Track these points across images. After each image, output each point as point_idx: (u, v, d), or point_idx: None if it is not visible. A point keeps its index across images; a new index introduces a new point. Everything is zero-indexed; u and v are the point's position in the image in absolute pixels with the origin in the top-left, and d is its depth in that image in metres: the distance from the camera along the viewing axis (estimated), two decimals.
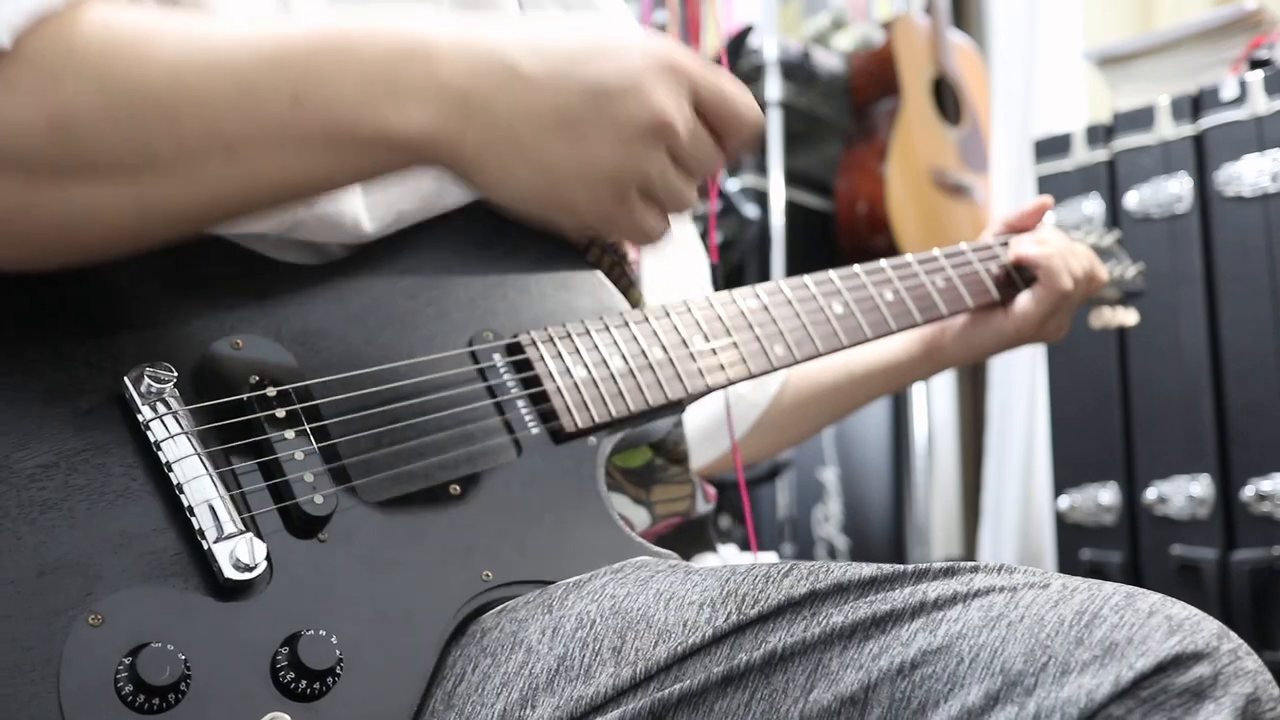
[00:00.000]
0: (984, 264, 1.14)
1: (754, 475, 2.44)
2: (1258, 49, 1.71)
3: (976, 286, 1.12)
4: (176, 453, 0.66)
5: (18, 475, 0.63)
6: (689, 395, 0.86)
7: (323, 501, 0.68)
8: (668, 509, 0.93)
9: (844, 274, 1.03)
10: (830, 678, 0.61)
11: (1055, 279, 1.13)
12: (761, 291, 0.96)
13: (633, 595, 0.69)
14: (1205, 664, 0.57)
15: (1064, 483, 1.77)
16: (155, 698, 0.59)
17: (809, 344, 0.96)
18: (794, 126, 2.74)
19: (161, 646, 0.60)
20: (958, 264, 1.11)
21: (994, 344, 1.18)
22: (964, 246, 1.14)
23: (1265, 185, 1.60)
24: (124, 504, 0.64)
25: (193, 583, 0.64)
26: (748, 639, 0.64)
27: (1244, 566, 1.54)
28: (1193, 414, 1.63)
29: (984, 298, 1.12)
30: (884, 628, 0.62)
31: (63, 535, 0.62)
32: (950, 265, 1.10)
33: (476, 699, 0.66)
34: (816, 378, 1.24)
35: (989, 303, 1.14)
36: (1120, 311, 1.32)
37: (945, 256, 1.11)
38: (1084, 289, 1.18)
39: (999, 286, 1.14)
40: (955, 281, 1.10)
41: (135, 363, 0.68)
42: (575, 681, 0.65)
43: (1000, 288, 1.14)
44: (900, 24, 2.82)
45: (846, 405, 1.26)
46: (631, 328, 0.85)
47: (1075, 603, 0.60)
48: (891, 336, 1.04)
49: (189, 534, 0.65)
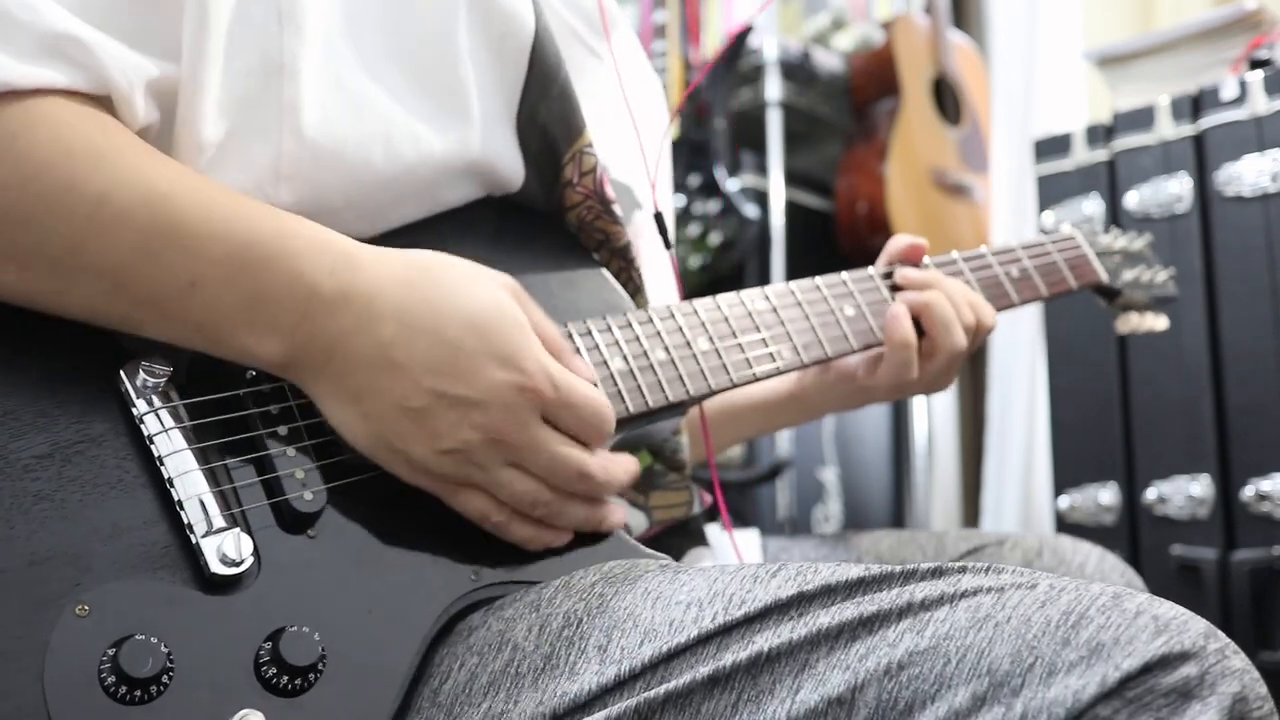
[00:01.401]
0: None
1: (754, 475, 2.44)
2: (1258, 49, 1.71)
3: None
4: (169, 447, 0.67)
5: (13, 466, 0.63)
6: (691, 396, 0.86)
7: (313, 498, 0.69)
8: (665, 515, 0.93)
9: (857, 276, 1.02)
10: (817, 679, 0.61)
11: (949, 335, 1.02)
12: (770, 293, 0.95)
13: (620, 595, 0.69)
14: (1192, 664, 0.57)
15: (1064, 483, 1.77)
16: (137, 689, 0.59)
17: (817, 347, 0.95)
18: (794, 126, 2.74)
19: (145, 639, 0.60)
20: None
21: (872, 399, 1.11)
22: (984, 251, 1.13)
23: (1265, 185, 1.59)
24: (116, 496, 0.65)
25: (181, 576, 0.64)
26: (734, 640, 0.63)
27: (1244, 566, 1.54)
28: (1193, 414, 1.63)
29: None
30: (871, 628, 0.62)
31: (54, 526, 0.62)
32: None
33: (463, 698, 0.66)
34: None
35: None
36: (1149, 317, 1.29)
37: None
38: (975, 340, 1.06)
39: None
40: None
41: (132, 357, 0.69)
42: (561, 679, 0.65)
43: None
44: (900, 24, 2.82)
45: (722, 438, 1.20)
46: (635, 328, 0.85)
47: (1062, 603, 0.60)
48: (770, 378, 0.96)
49: (179, 528, 0.65)
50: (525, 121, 0.86)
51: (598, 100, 0.97)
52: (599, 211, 0.89)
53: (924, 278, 1.04)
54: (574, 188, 0.88)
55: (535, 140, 0.86)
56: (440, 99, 0.82)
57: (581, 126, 0.87)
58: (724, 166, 2.56)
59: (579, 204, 0.89)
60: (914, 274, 1.04)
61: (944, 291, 1.03)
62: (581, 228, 0.90)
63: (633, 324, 0.85)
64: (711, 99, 2.56)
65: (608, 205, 0.89)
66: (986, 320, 1.06)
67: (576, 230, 0.90)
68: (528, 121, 0.86)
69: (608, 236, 0.91)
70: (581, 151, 0.87)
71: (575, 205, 0.89)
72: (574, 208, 0.89)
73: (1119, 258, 1.27)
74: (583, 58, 0.98)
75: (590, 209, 0.89)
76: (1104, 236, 1.28)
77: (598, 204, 0.89)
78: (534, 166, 0.87)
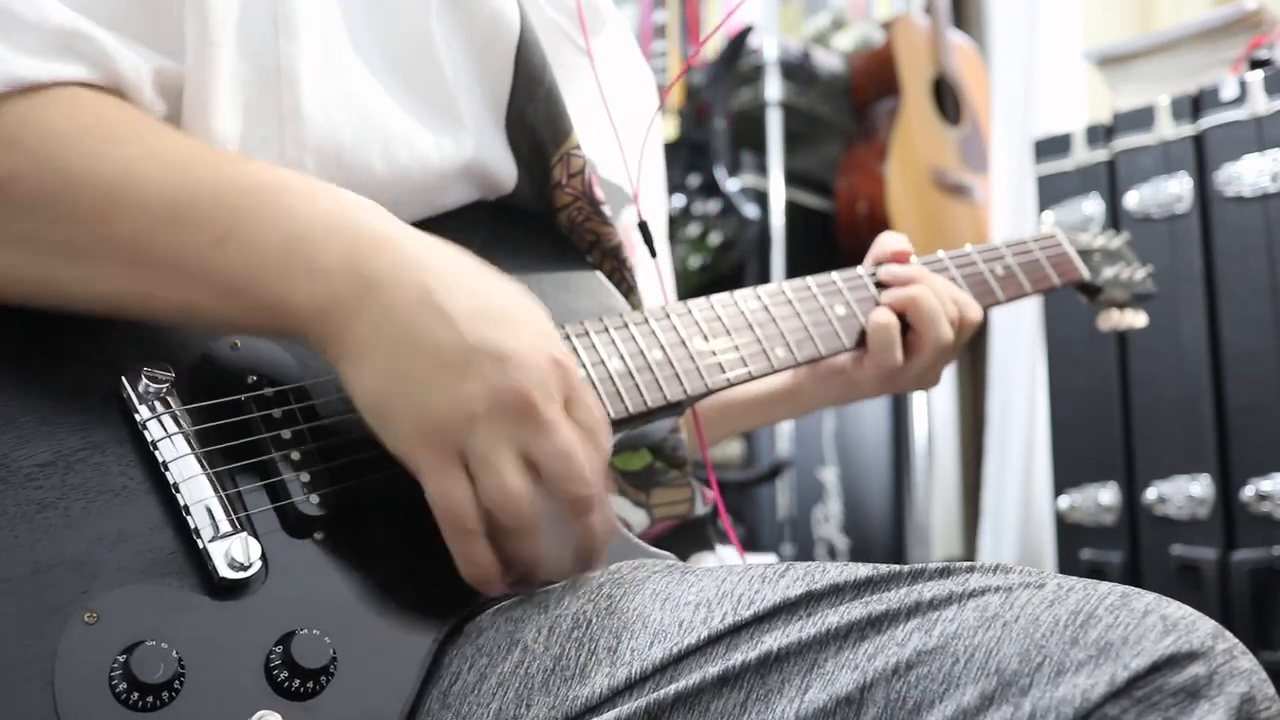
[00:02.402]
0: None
1: (754, 475, 2.44)
2: (1258, 49, 1.71)
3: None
4: (173, 452, 0.66)
5: (16, 474, 0.63)
6: (688, 396, 0.86)
7: (318, 501, 0.69)
8: (666, 512, 0.93)
9: (847, 275, 1.02)
10: (826, 678, 0.61)
11: (934, 328, 1.04)
12: (763, 293, 0.95)
13: (629, 595, 0.69)
14: (1200, 664, 0.57)
15: (1064, 483, 1.77)
16: (149, 695, 0.59)
17: (810, 345, 0.96)
18: (794, 126, 2.74)
19: (155, 644, 0.60)
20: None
21: (863, 394, 1.11)
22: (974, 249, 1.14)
23: (1265, 185, 1.59)
24: (120, 503, 0.64)
25: (188, 581, 0.64)
26: (743, 639, 0.64)
27: (1244, 566, 1.54)
28: (1193, 414, 1.63)
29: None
30: (880, 628, 0.62)
31: (59, 534, 0.62)
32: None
33: (472, 699, 0.66)
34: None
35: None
36: (1129, 314, 1.31)
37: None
38: (961, 334, 1.07)
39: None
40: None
41: (134, 363, 0.68)
42: (571, 682, 0.65)
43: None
44: (900, 24, 2.82)
45: (714, 433, 1.19)
46: (631, 329, 0.85)
47: (1070, 603, 0.60)
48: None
49: (185, 533, 0.65)
50: (514, 123, 0.86)
51: (588, 99, 0.97)
52: (589, 213, 0.90)
53: (907, 273, 1.05)
54: (563, 189, 0.88)
55: (524, 142, 0.87)
56: (428, 99, 0.82)
57: (569, 128, 0.88)
58: (724, 166, 2.57)
59: (569, 205, 0.89)
60: (898, 270, 1.06)
61: (928, 285, 1.05)
62: (573, 229, 0.90)
63: (629, 325, 0.85)
64: (711, 99, 2.56)
65: (597, 206, 0.90)
66: (970, 314, 1.07)
67: (568, 232, 0.91)
68: (516, 123, 0.86)
69: (599, 238, 0.91)
70: (569, 153, 0.87)
71: (565, 206, 0.89)
72: (564, 209, 0.89)
73: (1099, 255, 1.29)
74: (571, 56, 0.98)
75: (580, 210, 0.90)
76: (1083, 235, 1.30)
77: (587, 205, 0.89)
78: (525, 168, 0.87)
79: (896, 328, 1.03)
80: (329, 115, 0.77)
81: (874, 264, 1.08)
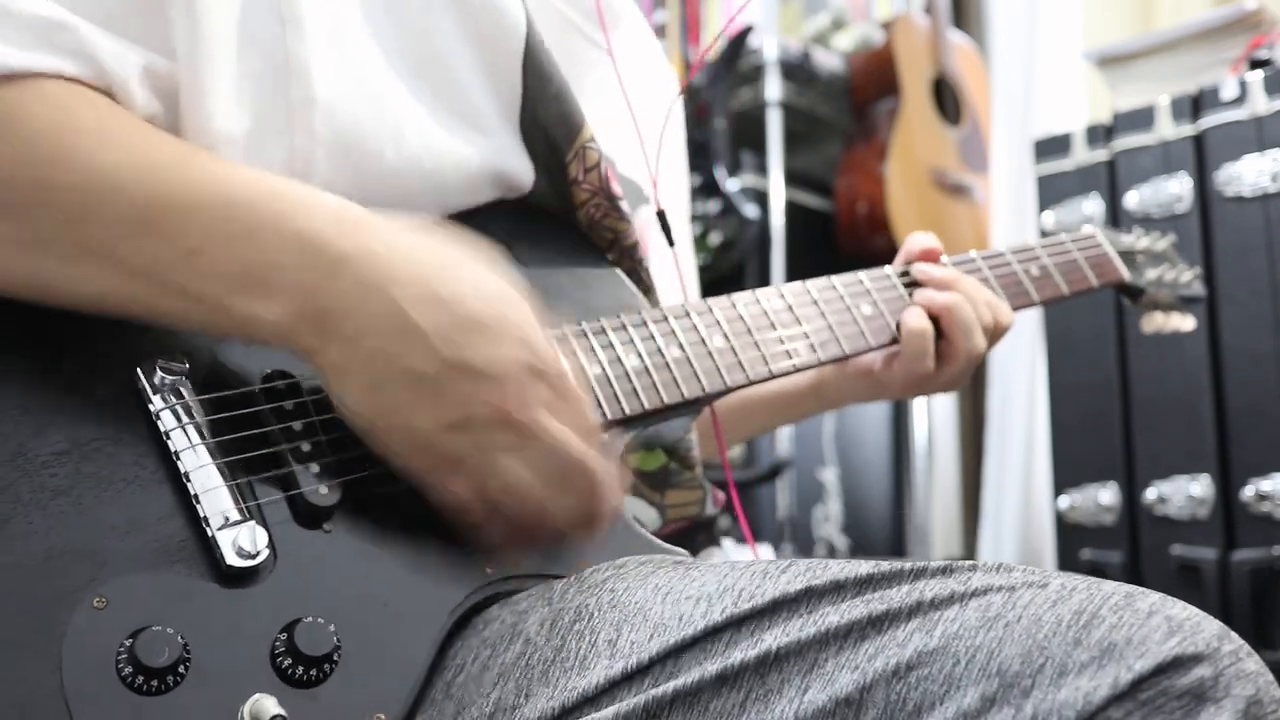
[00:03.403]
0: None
1: (754, 475, 2.44)
2: (1258, 49, 1.71)
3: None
4: (185, 442, 0.67)
5: (32, 462, 0.64)
6: (706, 394, 0.86)
7: (328, 492, 0.69)
8: (679, 513, 0.93)
9: (874, 275, 1.01)
10: (825, 678, 0.61)
11: (969, 338, 1.03)
12: (787, 291, 0.95)
13: (631, 589, 0.69)
14: (1206, 666, 0.56)
15: (1064, 483, 1.77)
16: (154, 679, 0.59)
17: (834, 345, 0.95)
18: (794, 126, 2.74)
19: (161, 629, 0.60)
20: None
21: (889, 395, 1.10)
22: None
23: (1265, 185, 1.59)
24: (133, 492, 0.65)
25: (197, 569, 0.64)
26: (743, 637, 0.63)
27: (1244, 566, 1.54)
28: (1193, 414, 1.63)
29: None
30: (880, 628, 0.61)
31: (72, 521, 0.63)
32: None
33: (474, 689, 0.66)
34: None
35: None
36: (1175, 317, 1.28)
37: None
38: (993, 340, 1.07)
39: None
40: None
41: (149, 355, 0.69)
42: (570, 673, 0.65)
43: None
44: (900, 24, 2.82)
45: (731, 433, 1.18)
46: (650, 326, 0.85)
47: (1074, 603, 0.59)
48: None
49: (196, 522, 0.66)
50: (528, 124, 0.86)
51: (604, 94, 0.97)
52: (607, 209, 0.89)
53: (944, 276, 1.04)
54: (580, 185, 0.88)
55: (539, 142, 0.86)
56: (449, 104, 0.82)
57: (580, 123, 0.87)
58: (724, 166, 2.56)
59: (587, 201, 0.89)
60: (934, 271, 1.04)
61: (964, 293, 1.03)
62: (592, 226, 0.90)
63: (648, 322, 0.85)
64: (711, 99, 2.56)
65: (614, 201, 0.89)
66: (1004, 320, 1.07)
67: (588, 229, 0.90)
68: (530, 123, 0.86)
69: (617, 235, 0.91)
70: (584, 147, 0.87)
71: (584, 203, 0.89)
72: (583, 205, 0.89)
73: (1142, 257, 1.26)
74: (585, 50, 0.97)
75: (598, 206, 0.89)
76: (1126, 237, 1.27)
77: (604, 200, 0.89)
78: (542, 169, 0.87)
79: (931, 335, 1.01)
80: (342, 105, 0.77)
81: (904, 263, 1.07)
